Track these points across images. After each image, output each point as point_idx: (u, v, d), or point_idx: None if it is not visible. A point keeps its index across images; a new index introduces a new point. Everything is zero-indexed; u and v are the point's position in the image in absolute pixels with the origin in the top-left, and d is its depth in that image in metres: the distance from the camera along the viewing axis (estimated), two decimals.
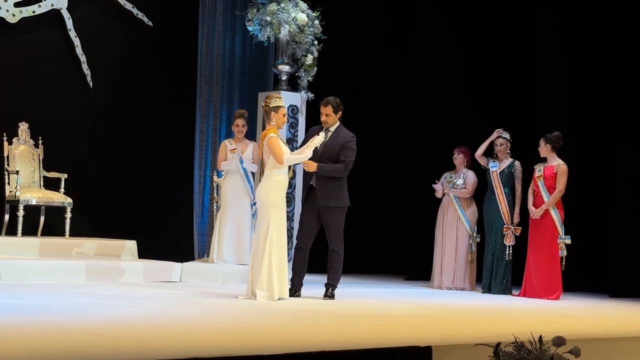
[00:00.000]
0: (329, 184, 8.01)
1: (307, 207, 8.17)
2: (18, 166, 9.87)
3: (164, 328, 5.44)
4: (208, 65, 11.58)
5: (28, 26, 10.31)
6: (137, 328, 5.39)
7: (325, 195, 8.00)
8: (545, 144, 9.56)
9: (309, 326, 5.93)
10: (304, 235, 8.13)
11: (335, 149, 8.08)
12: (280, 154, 7.62)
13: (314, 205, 8.09)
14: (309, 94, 11.19)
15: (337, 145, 8.09)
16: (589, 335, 6.05)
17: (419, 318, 6.71)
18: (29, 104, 10.30)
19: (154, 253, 10.19)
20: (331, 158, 8.06)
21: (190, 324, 5.67)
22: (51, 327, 5.24)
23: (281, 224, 7.67)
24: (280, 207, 7.69)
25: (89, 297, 7.14)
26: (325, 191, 8.01)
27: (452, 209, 10.36)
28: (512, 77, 11.57)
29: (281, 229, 7.67)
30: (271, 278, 7.53)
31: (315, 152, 8.07)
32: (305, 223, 8.14)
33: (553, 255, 9.46)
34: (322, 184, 8.01)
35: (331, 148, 8.09)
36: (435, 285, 10.38)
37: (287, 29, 10.88)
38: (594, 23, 10.67)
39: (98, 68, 10.77)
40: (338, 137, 8.16)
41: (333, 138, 8.14)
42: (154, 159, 11.15)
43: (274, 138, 7.69)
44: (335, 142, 8.12)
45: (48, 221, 9.96)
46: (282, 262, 7.66)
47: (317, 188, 8.03)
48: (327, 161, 8.04)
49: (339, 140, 8.14)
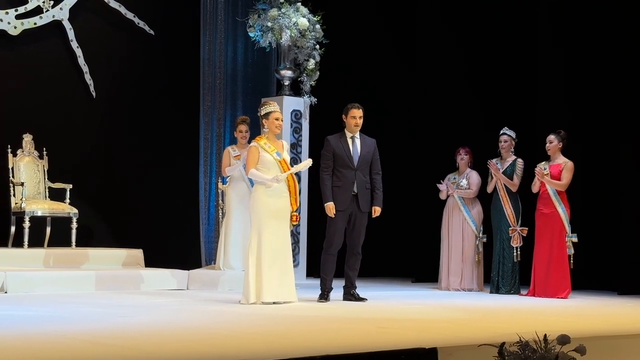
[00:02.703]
0: (367, 190, 8.36)
1: (340, 213, 8.30)
2: (23, 178, 9.88)
3: (169, 337, 5.43)
4: (210, 72, 11.59)
5: (30, 38, 10.36)
6: (142, 337, 5.38)
7: (366, 202, 8.32)
8: (558, 142, 9.51)
9: (312, 330, 5.92)
10: (338, 240, 8.34)
11: (370, 155, 8.40)
12: (249, 165, 7.87)
13: (347, 211, 8.29)
14: (312, 99, 11.20)
15: (370, 151, 8.40)
16: (595, 333, 6.02)
17: (424, 320, 6.68)
18: (32, 115, 10.33)
19: (160, 261, 10.18)
20: (366, 165, 8.36)
21: (194, 332, 5.65)
22: (55, 338, 5.24)
23: (262, 229, 7.72)
24: (257, 214, 7.76)
25: (95, 307, 7.14)
26: (366, 197, 8.32)
27: (457, 210, 10.33)
28: (514, 77, 11.53)
29: (263, 234, 7.71)
30: (247, 282, 7.70)
31: (351, 160, 8.28)
32: (340, 229, 8.33)
33: (561, 254, 9.41)
34: (364, 192, 8.31)
35: (367, 155, 8.39)
36: (443, 286, 10.35)
37: (288, 34, 10.90)
38: (596, 21, 10.63)
39: (100, 78, 10.80)
40: (366, 143, 8.43)
41: (363, 145, 8.40)
42: (158, 168, 11.17)
43: (254, 147, 7.90)
44: (367, 148, 8.41)
45: (54, 232, 9.97)
46: (264, 266, 7.68)
47: (360, 195, 8.29)
48: (364, 169, 8.33)
49: (369, 146, 8.42)
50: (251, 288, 7.68)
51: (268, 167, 7.85)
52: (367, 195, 8.32)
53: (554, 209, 9.46)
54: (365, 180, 8.32)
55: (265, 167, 7.85)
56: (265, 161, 7.85)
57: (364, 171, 8.32)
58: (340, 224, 8.30)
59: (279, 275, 7.79)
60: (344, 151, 8.30)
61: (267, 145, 7.91)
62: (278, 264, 7.79)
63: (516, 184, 9.86)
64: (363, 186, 8.30)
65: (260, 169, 7.85)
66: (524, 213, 9.93)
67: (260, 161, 7.85)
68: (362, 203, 8.29)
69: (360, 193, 8.29)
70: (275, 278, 7.74)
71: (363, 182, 8.31)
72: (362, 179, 8.30)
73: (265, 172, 7.83)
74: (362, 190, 8.30)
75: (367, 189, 8.32)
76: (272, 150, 7.91)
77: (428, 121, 11.94)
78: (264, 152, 7.86)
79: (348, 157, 8.28)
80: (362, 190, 8.30)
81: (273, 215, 7.82)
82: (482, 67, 11.81)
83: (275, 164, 7.87)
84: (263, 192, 7.82)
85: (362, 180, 8.31)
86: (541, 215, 9.55)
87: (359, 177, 8.29)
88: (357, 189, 8.29)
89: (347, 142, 8.36)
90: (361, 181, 8.30)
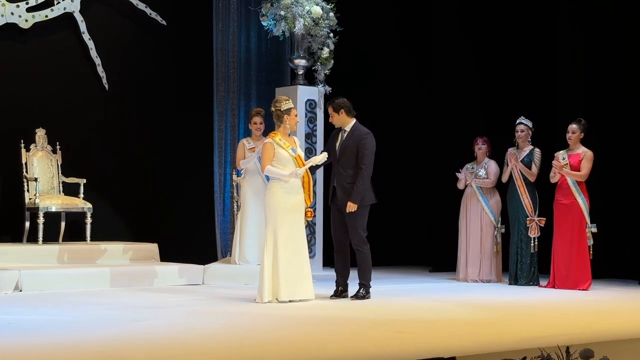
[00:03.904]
0: (347, 185, 7.98)
1: (333, 208, 8.15)
2: (37, 173, 9.82)
3: (182, 349, 5.35)
4: (224, 62, 11.48)
5: (41, 31, 10.26)
6: (156, 349, 5.30)
7: (343, 197, 7.97)
8: (581, 131, 9.36)
9: (326, 335, 5.82)
10: (334, 236, 8.15)
11: (352, 148, 8.02)
12: (265, 162, 7.74)
13: (333, 206, 8.14)
14: (326, 88, 11.06)
15: (354, 144, 8.04)
16: (619, 336, 5.90)
17: (442, 321, 6.57)
18: (45, 109, 10.25)
19: (176, 254, 10.14)
20: (349, 157, 8.00)
21: (207, 343, 5.57)
22: (67, 348, 5.17)
23: (278, 227, 7.63)
24: (273, 211, 7.66)
25: (110, 309, 7.07)
26: (344, 193, 7.98)
27: (475, 200, 10.20)
28: (532, 66, 11.36)
29: (279, 231, 7.63)
30: (262, 281, 7.61)
31: (334, 153, 8.06)
32: (333, 225, 8.15)
33: (582, 245, 9.28)
34: (342, 186, 8.00)
35: (347, 147, 8.04)
36: (461, 277, 10.25)
37: (301, 23, 10.75)
38: (615, 10, 10.45)
39: (113, 70, 10.70)
40: (353, 135, 8.11)
41: (349, 137, 8.10)
42: (172, 159, 11.08)
43: (269, 144, 7.76)
44: (351, 141, 8.07)
45: (68, 227, 9.92)
46: (281, 265, 7.60)
47: (338, 190, 8.03)
48: (345, 162, 8.00)
49: (355, 138, 8.08)
50: (266, 287, 7.60)
51: (284, 164, 7.75)
52: (347, 190, 7.93)
53: (573, 199, 9.33)
54: (345, 174, 7.96)
55: (281, 164, 7.74)
56: (281, 157, 7.74)
57: (344, 165, 7.98)
58: (333, 219, 8.16)
59: (296, 272, 7.72)
60: (331, 145, 8.15)
61: (282, 141, 7.81)
62: (295, 261, 7.72)
63: (535, 173, 9.72)
64: (342, 180, 7.96)
65: (276, 165, 7.75)
66: (541, 203, 9.80)
67: (275, 157, 7.75)
68: (340, 197, 7.97)
69: (338, 187, 8.00)
70: (291, 275, 7.67)
71: (342, 176, 7.97)
72: (341, 173, 7.99)
73: (281, 169, 7.73)
74: (339, 184, 7.98)
75: (347, 184, 7.95)
76: (287, 147, 7.82)
77: (445, 109, 11.80)
78: (280, 148, 7.76)
79: (332, 150, 8.07)
80: (340, 185, 7.98)
81: (289, 211, 7.74)
82: (500, 55, 11.64)
83: (291, 160, 7.77)
84: (279, 189, 7.72)
85: (341, 174, 7.98)
86: (560, 206, 9.42)
87: (338, 171, 8.01)
88: (336, 183, 8.03)
89: (338, 136, 8.15)
90: (340, 175, 7.99)
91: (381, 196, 8.96)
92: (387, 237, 11.77)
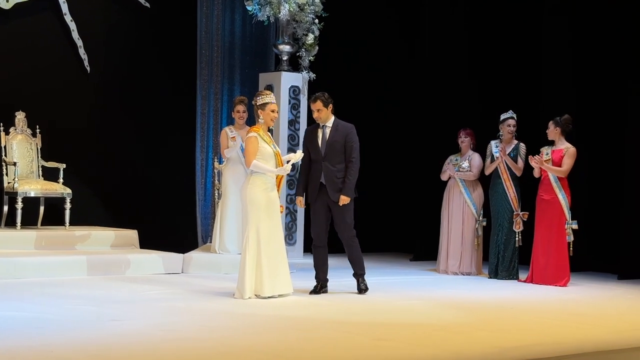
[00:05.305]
0: (338, 180, 7.98)
1: (317, 204, 8.09)
2: (16, 156, 9.72)
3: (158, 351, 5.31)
4: (208, 45, 11.36)
5: (22, 12, 10.12)
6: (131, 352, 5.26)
7: (336, 191, 7.97)
8: (554, 127, 9.32)
9: (303, 342, 5.77)
10: (317, 231, 8.10)
11: (339, 144, 8.01)
12: (250, 157, 7.59)
13: (319, 202, 8.06)
14: (310, 74, 10.99)
15: (340, 140, 8.02)
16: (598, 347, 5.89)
17: (421, 325, 6.55)
18: (25, 91, 10.13)
19: (156, 240, 10.08)
20: (337, 153, 7.99)
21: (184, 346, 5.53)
22: (38, 352, 5.11)
23: (260, 223, 7.57)
24: (256, 206, 7.57)
25: (86, 304, 7.00)
26: (336, 187, 7.98)
27: (457, 192, 10.17)
28: (518, 59, 11.31)
29: (261, 227, 7.57)
30: (243, 277, 7.54)
31: (318, 151, 8.01)
32: (316, 221, 8.11)
33: (561, 241, 9.29)
34: (332, 181, 7.98)
35: (334, 143, 8.01)
36: (441, 269, 10.24)
37: (287, 8, 10.65)
38: (604, 3, 10.38)
39: (95, 52, 10.58)
40: (338, 130, 8.06)
41: (333, 133, 8.04)
42: (154, 144, 11.00)
43: (253, 138, 7.62)
44: (337, 136, 8.02)
45: (48, 212, 9.83)
46: (264, 260, 7.55)
47: (328, 185, 7.99)
48: (332, 158, 7.98)
49: (340, 133, 8.04)
50: (247, 283, 7.53)
51: (266, 159, 7.66)
52: (337, 184, 7.96)
53: (554, 195, 9.32)
54: (334, 169, 7.96)
55: (264, 159, 7.65)
56: (264, 152, 7.64)
57: (332, 160, 7.96)
58: (315, 216, 8.10)
59: (276, 267, 7.68)
60: (312, 142, 8.07)
61: (265, 136, 7.72)
62: (275, 255, 7.67)
63: (521, 167, 9.70)
64: (332, 176, 7.95)
65: (260, 160, 7.65)
66: (524, 198, 9.79)
67: (259, 152, 7.64)
68: (331, 193, 7.96)
69: (328, 183, 7.97)
70: (273, 270, 7.63)
71: (331, 172, 7.96)
72: (329, 168, 7.96)
73: (264, 164, 7.64)
74: (330, 180, 7.96)
75: (337, 179, 7.95)
76: (270, 142, 7.74)
77: (430, 99, 11.72)
78: (263, 143, 7.66)
79: (315, 147, 8.02)
80: (330, 180, 7.96)
81: (269, 207, 7.68)
82: (486, 48, 11.58)
83: (273, 157, 7.69)
84: (261, 185, 7.63)
85: (330, 170, 7.96)
86: (541, 201, 9.41)
87: (326, 167, 7.97)
88: (325, 179, 7.99)
89: (318, 132, 8.07)
90: (329, 171, 7.97)
91: (366, 184, 8.96)
92: (370, 224, 11.73)
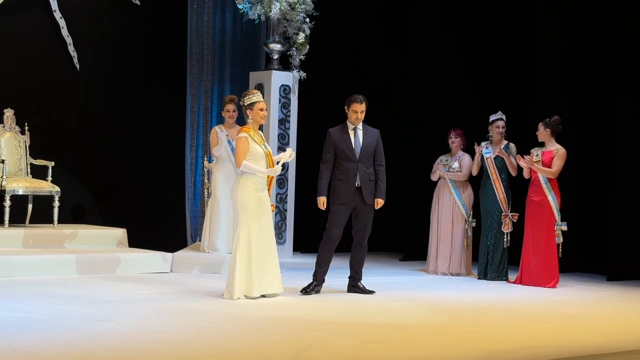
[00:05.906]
0: (371, 182, 8.19)
1: (342, 207, 8.14)
2: (4, 154, 9.68)
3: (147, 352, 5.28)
4: (198, 43, 11.32)
5: (11, 8, 10.08)
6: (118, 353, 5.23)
7: (370, 194, 8.15)
8: (544, 129, 9.33)
9: (292, 343, 5.74)
10: (338, 232, 8.17)
11: (372, 147, 8.21)
12: (240, 158, 7.56)
13: (349, 204, 8.14)
14: (301, 73, 10.95)
15: (373, 142, 8.22)
16: (587, 351, 5.89)
17: (410, 327, 6.54)
18: (13, 89, 10.08)
19: (146, 238, 10.05)
20: (369, 156, 8.19)
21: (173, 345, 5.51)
22: (27, 356, 5.08)
23: (251, 224, 7.55)
24: (246, 208, 7.55)
25: (73, 304, 6.96)
26: (370, 189, 8.15)
27: (447, 192, 10.17)
28: (510, 60, 11.29)
29: (251, 229, 7.55)
30: (233, 278, 7.51)
31: (353, 153, 8.12)
32: (341, 222, 8.18)
33: (550, 242, 9.30)
34: (368, 184, 8.13)
35: (369, 147, 8.20)
36: (431, 270, 10.24)
37: (277, 7, 10.60)
38: (596, 6, 10.38)
39: (85, 49, 10.54)
40: (369, 133, 8.23)
41: (366, 137, 8.22)
42: (143, 142, 10.96)
43: (243, 138, 7.59)
44: (370, 139, 8.23)
45: (36, 210, 9.78)
46: (254, 262, 7.53)
47: (363, 188, 8.12)
48: (366, 160, 8.15)
49: (372, 136, 8.24)
50: (236, 284, 7.51)
51: (257, 160, 7.63)
52: (371, 187, 8.15)
53: (544, 196, 9.32)
54: (368, 172, 8.14)
55: (255, 160, 7.63)
56: (255, 153, 7.62)
57: (366, 163, 8.14)
58: (341, 217, 8.16)
59: (267, 267, 7.66)
60: (345, 144, 8.12)
61: (256, 136, 7.70)
62: (266, 256, 7.66)
63: (515, 166, 9.69)
64: (367, 178, 8.13)
65: (251, 160, 7.62)
66: (514, 199, 9.80)
67: (250, 153, 7.61)
68: (367, 195, 8.12)
69: (364, 185, 8.11)
70: (263, 270, 7.61)
71: (366, 174, 8.13)
72: (365, 171, 8.12)
73: (255, 165, 7.62)
74: (365, 182, 8.12)
75: (371, 181, 8.15)
76: (260, 142, 7.71)
77: (421, 100, 11.70)
78: (254, 143, 7.63)
79: (350, 149, 8.11)
80: (366, 183, 8.12)
81: (261, 208, 7.66)
82: (478, 49, 11.56)
83: (264, 157, 7.67)
84: (252, 185, 7.60)
85: (365, 172, 8.12)
86: (531, 203, 9.42)
87: (362, 170, 8.11)
88: (361, 182, 8.11)
89: (349, 134, 8.17)
90: (364, 173, 8.12)
91: None
92: None
